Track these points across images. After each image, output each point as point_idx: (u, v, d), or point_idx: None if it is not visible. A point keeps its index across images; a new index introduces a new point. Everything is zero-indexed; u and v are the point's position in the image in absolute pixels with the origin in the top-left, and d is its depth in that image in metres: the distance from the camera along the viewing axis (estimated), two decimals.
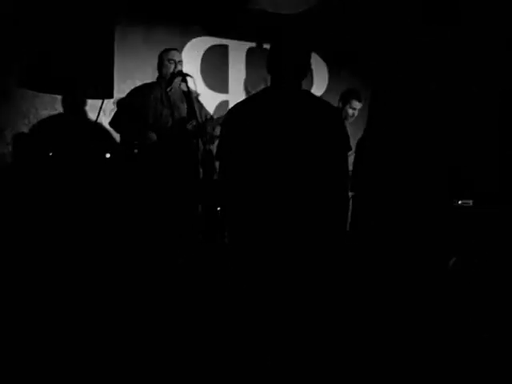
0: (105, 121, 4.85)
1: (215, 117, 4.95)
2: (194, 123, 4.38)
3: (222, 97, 6.05)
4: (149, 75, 4.99)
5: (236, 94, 5.99)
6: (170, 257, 4.05)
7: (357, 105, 5.16)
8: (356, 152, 2.96)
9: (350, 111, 5.14)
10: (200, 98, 4.92)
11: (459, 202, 5.49)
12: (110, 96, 4.06)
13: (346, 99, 5.19)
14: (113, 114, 4.65)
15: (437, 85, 5.87)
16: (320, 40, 6.18)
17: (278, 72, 2.69)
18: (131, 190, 4.21)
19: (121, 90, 4.98)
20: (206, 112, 4.86)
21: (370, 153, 2.96)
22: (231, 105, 2.92)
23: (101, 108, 4.22)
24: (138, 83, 4.87)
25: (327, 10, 5.84)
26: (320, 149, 2.62)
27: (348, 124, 4.38)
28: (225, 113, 3.43)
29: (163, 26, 5.63)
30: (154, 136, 4.29)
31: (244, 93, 6.08)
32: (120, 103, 4.64)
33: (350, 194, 3.15)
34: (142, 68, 5.39)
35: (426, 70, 6.49)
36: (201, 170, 4.54)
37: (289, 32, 2.80)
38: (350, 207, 3.14)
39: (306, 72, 2.73)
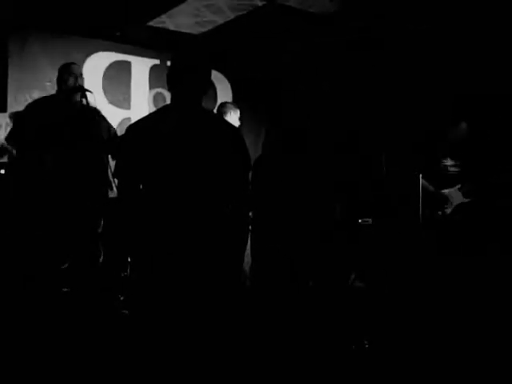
0: (0, 135, 4.66)
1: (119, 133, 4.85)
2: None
3: (124, 113, 5.97)
4: (47, 89, 4.85)
5: (139, 110, 5.94)
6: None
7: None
8: (253, 171, 2.98)
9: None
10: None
11: (359, 221, 5.68)
12: (3, 110, 3.91)
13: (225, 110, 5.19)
14: (9, 128, 4.47)
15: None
16: (223, 59, 6.26)
17: (178, 89, 2.68)
18: (27, 207, 4.07)
19: (18, 103, 4.81)
20: (110, 127, 4.74)
21: (268, 171, 2.99)
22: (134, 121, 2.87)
23: None
24: (36, 97, 4.71)
25: (231, 29, 5.90)
26: (220, 168, 2.62)
27: None
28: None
29: (63, 39, 5.49)
30: (49, 158, 4.18)
31: (147, 109, 6.03)
32: (17, 118, 4.46)
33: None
34: (41, 82, 5.23)
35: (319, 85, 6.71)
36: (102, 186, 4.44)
37: (188, 49, 2.79)
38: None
39: (206, 89, 2.74)
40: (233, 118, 5.15)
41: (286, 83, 6.70)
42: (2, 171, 4.35)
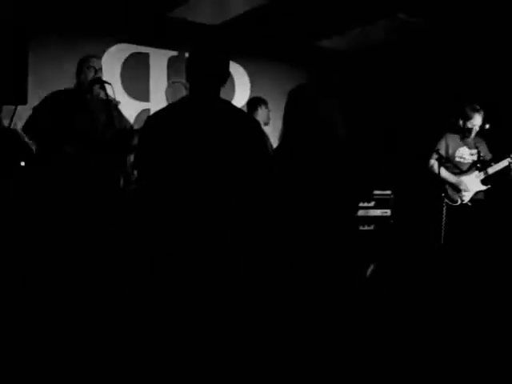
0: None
1: (135, 126, 4.87)
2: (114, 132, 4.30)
3: (143, 105, 6.00)
4: (66, 82, 4.87)
5: (157, 102, 5.95)
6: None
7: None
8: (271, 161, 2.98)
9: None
10: (120, 107, 4.84)
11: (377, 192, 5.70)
12: (24, 102, 3.92)
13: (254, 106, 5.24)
14: (26, 119, 4.50)
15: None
16: (241, 50, 6.24)
17: (197, 80, 2.69)
18: (46, 199, 4.09)
19: (38, 96, 4.84)
20: (126, 121, 4.77)
21: (284, 162, 2.98)
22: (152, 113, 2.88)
23: (14, 114, 4.07)
24: (55, 90, 4.74)
25: (249, 20, 5.90)
26: (238, 158, 2.62)
27: None
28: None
29: (82, 32, 5.52)
30: (69, 150, 4.20)
31: (165, 101, 6.04)
32: (35, 109, 4.48)
33: None
34: (60, 75, 5.25)
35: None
36: (121, 180, 4.46)
37: (207, 40, 2.79)
38: None
39: (225, 79, 2.74)
40: (264, 113, 5.20)
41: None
42: (23, 163, 4.38)
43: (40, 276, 3.93)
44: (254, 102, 5.29)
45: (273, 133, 5.64)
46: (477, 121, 5.25)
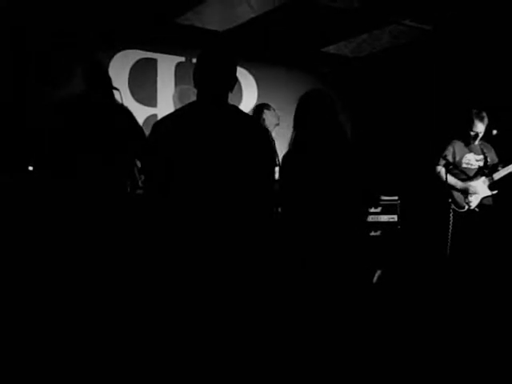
0: None
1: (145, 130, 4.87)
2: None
3: (150, 110, 6.01)
4: (74, 88, 4.90)
5: (165, 107, 5.96)
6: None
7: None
8: (281, 166, 2.99)
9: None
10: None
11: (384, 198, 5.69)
12: (23, 102, 3.93)
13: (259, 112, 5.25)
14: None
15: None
16: (248, 55, 6.26)
17: (204, 86, 2.70)
18: (52, 204, 4.10)
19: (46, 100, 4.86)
20: (137, 125, 4.77)
21: (295, 167, 2.99)
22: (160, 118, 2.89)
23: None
24: (62, 96, 4.76)
25: (256, 26, 5.92)
26: (246, 164, 2.62)
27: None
28: None
29: (89, 37, 5.54)
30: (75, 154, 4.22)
31: (173, 107, 6.06)
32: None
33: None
34: (67, 81, 5.27)
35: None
36: (128, 184, 4.46)
37: (214, 46, 2.80)
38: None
39: (232, 85, 2.74)
40: (271, 115, 5.22)
41: None
42: (31, 168, 4.40)
43: (44, 280, 3.93)
44: (258, 109, 5.31)
45: (283, 135, 5.67)
46: (480, 127, 5.24)
